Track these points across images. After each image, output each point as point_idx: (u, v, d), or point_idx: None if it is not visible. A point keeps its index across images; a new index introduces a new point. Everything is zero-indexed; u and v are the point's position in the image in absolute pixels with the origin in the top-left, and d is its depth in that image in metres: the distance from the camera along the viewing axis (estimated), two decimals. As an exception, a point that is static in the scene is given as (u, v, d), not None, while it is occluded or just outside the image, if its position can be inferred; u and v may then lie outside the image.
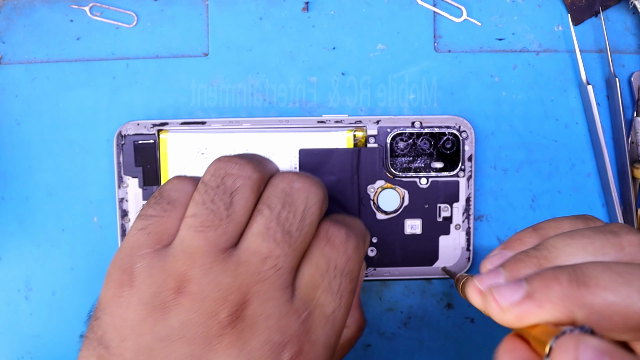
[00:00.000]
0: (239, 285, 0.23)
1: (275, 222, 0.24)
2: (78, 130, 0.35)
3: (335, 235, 0.26)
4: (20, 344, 0.36)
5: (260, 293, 0.23)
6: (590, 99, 0.33)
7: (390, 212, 0.34)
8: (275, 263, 0.23)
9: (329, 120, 0.33)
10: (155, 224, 0.24)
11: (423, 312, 0.36)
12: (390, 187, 0.34)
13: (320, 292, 0.24)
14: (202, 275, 0.22)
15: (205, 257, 0.23)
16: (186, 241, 0.23)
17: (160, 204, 0.25)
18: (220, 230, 0.23)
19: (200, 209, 0.24)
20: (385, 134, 0.33)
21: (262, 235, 0.24)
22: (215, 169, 0.25)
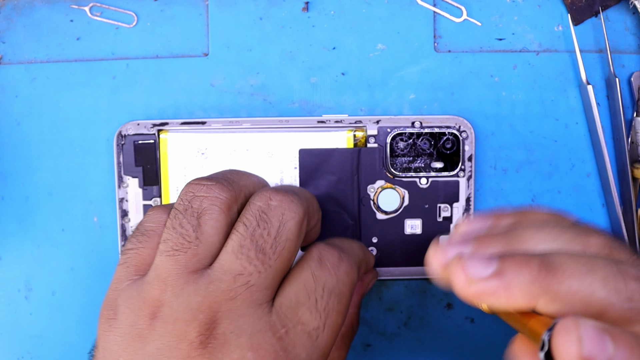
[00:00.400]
0: (209, 303, 0.23)
1: (249, 240, 0.24)
2: (78, 130, 0.35)
3: (327, 257, 0.26)
4: (20, 344, 0.36)
5: (232, 310, 0.23)
6: (590, 99, 0.33)
7: (390, 212, 0.34)
8: (248, 280, 0.23)
9: (329, 120, 0.33)
10: (132, 257, 0.25)
11: (423, 312, 0.36)
12: (390, 187, 0.34)
13: (304, 309, 0.24)
14: (174, 298, 0.23)
15: (176, 279, 0.23)
16: (159, 267, 0.24)
17: (136, 237, 0.26)
18: (190, 252, 0.24)
19: (170, 234, 0.24)
20: (385, 134, 0.33)
21: (235, 253, 0.24)
22: (184, 193, 0.25)
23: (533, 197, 0.35)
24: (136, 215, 0.34)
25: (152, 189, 0.34)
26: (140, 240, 0.25)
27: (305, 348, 0.23)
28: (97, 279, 0.36)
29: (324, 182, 0.33)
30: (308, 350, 0.23)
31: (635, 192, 0.34)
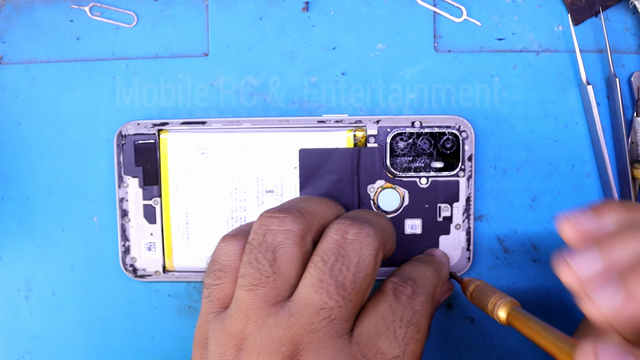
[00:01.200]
0: (291, 336, 0.24)
1: (329, 275, 0.24)
2: (78, 130, 0.35)
3: (402, 291, 0.27)
4: (20, 343, 0.36)
5: (314, 342, 0.24)
6: (590, 99, 0.33)
7: (390, 212, 0.34)
8: (329, 314, 0.24)
9: (329, 120, 0.33)
10: (214, 291, 0.26)
11: (423, 312, 0.36)
12: (390, 186, 0.34)
13: (383, 339, 0.25)
14: (256, 331, 0.24)
15: (257, 312, 0.24)
16: (239, 300, 0.25)
17: (215, 272, 0.27)
18: (268, 286, 0.24)
19: (247, 269, 0.25)
20: (385, 134, 0.33)
21: (314, 288, 0.24)
22: (258, 227, 0.26)
23: (533, 197, 0.35)
24: (136, 215, 0.34)
25: (152, 189, 0.34)
26: (219, 276, 0.26)
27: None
28: (97, 279, 0.36)
29: (324, 182, 0.33)
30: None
31: (635, 192, 0.34)
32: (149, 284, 0.35)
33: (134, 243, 0.34)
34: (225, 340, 0.24)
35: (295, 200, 0.28)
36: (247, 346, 0.24)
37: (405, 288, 0.27)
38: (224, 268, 0.26)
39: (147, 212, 0.34)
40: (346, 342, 0.24)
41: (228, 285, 0.26)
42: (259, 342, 0.24)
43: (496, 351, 0.35)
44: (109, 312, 0.36)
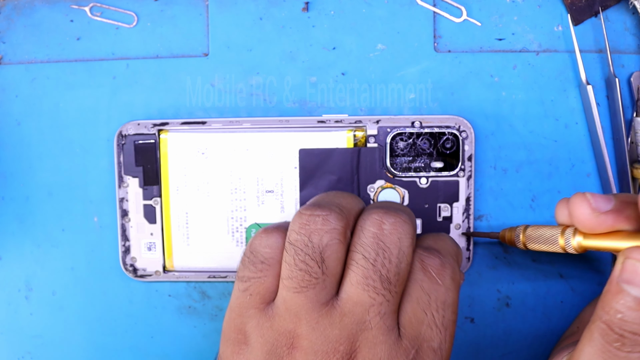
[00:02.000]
0: (346, 335, 0.24)
1: (372, 271, 0.25)
2: (78, 130, 0.35)
3: (430, 264, 0.26)
4: (20, 343, 0.36)
5: (368, 340, 0.24)
6: (590, 99, 0.33)
7: None
8: (380, 310, 0.24)
9: (329, 120, 0.33)
10: (255, 285, 0.26)
11: (423, 312, 0.36)
12: (390, 186, 0.34)
13: (425, 327, 0.25)
14: (310, 331, 0.24)
15: (309, 313, 0.24)
16: (288, 301, 0.25)
17: (255, 264, 0.26)
18: (318, 287, 0.25)
19: (294, 272, 0.25)
20: (385, 134, 0.33)
21: (361, 285, 0.24)
22: (300, 227, 0.26)
23: (533, 197, 0.35)
24: (136, 215, 0.34)
25: (153, 189, 0.34)
26: (260, 269, 0.26)
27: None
28: (97, 279, 0.36)
29: (324, 182, 0.33)
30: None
31: (635, 192, 0.34)
32: (149, 283, 0.35)
33: (134, 243, 0.34)
34: (275, 339, 0.24)
35: (327, 196, 0.28)
36: (303, 345, 0.24)
37: (432, 259, 0.26)
38: (266, 260, 0.26)
39: (147, 212, 0.34)
40: (397, 336, 0.24)
41: (270, 279, 0.26)
42: (314, 342, 0.24)
43: (496, 351, 0.35)
44: (109, 312, 0.36)
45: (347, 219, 0.26)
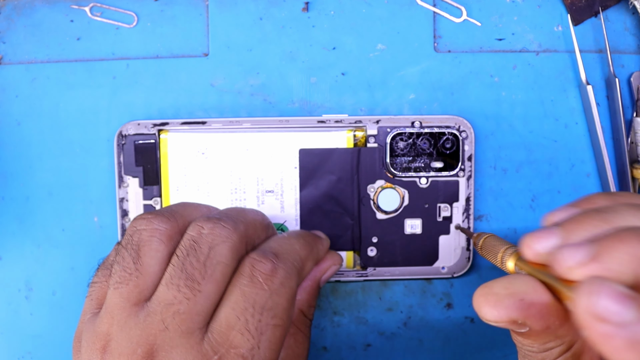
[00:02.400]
0: (146, 336, 0.23)
1: (180, 269, 0.24)
2: (78, 130, 0.35)
3: (259, 269, 0.25)
4: (20, 344, 0.36)
5: (166, 342, 0.23)
6: (590, 99, 0.33)
7: (390, 212, 0.34)
8: (177, 308, 0.23)
9: (329, 120, 0.33)
10: (96, 290, 0.26)
11: (423, 312, 0.35)
12: (390, 186, 0.33)
13: (235, 332, 0.24)
14: (119, 331, 0.24)
15: (121, 312, 0.24)
16: (108, 300, 0.25)
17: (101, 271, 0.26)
18: (131, 284, 0.24)
19: (115, 268, 0.25)
20: (385, 134, 0.33)
21: (167, 284, 0.24)
22: (128, 228, 0.26)
23: (533, 197, 0.35)
24: (136, 214, 0.34)
25: (153, 189, 0.34)
26: (103, 274, 0.26)
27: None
28: (97, 278, 0.35)
29: (324, 182, 0.33)
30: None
31: (635, 192, 0.34)
32: (149, 283, 0.35)
33: None
34: (92, 342, 0.24)
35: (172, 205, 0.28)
36: (111, 348, 0.23)
37: (264, 264, 0.25)
38: (108, 267, 0.26)
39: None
40: (198, 340, 0.23)
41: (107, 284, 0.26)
42: (120, 344, 0.23)
43: (496, 351, 0.35)
44: (109, 312, 0.36)
45: (177, 223, 0.26)
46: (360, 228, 0.34)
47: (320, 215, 0.33)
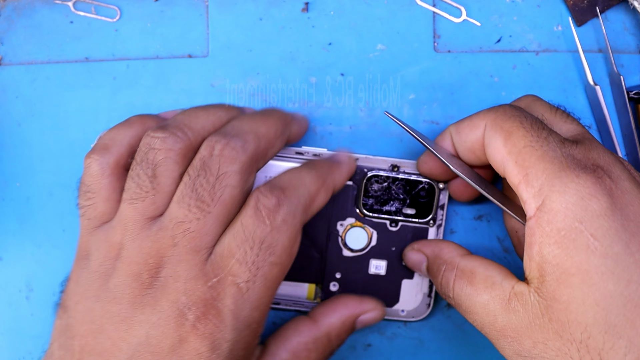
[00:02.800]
0: (157, 249, 0.25)
1: (190, 189, 0.25)
2: (79, 131, 0.35)
3: (264, 203, 0.26)
4: (21, 344, 0.36)
5: (174, 256, 0.25)
6: (599, 99, 0.33)
7: (357, 250, 0.33)
8: (188, 227, 0.25)
9: (307, 153, 0.33)
10: (89, 211, 0.27)
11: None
12: (359, 225, 0.33)
13: (234, 261, 0.25)
14: (131, 242, 0.25)
15: (134, 224, 0.25)
16: (121, 213, 0.26)
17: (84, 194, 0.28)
18: (147, 201, 0.26)
19: (130, 184, 0.26)
20: (362, 174, 0.33)
21: (178, 202, 0.25)
22: (142, 144, 0.27)
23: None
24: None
25: None
26: (88, 197, 0.28)
27: (235, 299, 0.24)
28: (97, 279, 0.35)
29: None
30: (237, 301, 0.24)
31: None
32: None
33: None
34: (106, 250, 0.26)
35: (183, 116, 0.28)
36: (122, 255, 0.25)
37: (268, 199, 0.26)
38: (90, 190, 0.27)
39: None
40: (203, 259, 0.25)
41: (100, 203, 0.27)
42: (131, 252, 0.25)
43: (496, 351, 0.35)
44: (109, 313, 0.35)
45: (190, 141, 0.27)
46: (325, 263, 0.33)
47: None
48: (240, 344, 0.25)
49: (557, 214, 0.23)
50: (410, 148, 0.34)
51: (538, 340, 0.24)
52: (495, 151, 0.26)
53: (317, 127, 0.35)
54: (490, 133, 0.27)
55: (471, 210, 0.35)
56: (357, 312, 0.31)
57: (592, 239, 0.23)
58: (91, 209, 0.27)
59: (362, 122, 0.34)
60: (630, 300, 0.22)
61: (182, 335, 0.24)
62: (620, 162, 0.25)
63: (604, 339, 0.22)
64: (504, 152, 0.26)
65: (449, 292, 0.28)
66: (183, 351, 0.24)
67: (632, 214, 0.23)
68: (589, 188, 0.23)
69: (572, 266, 0.23)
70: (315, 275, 0.34)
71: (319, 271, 0.34)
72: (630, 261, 0.23)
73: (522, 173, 0.25)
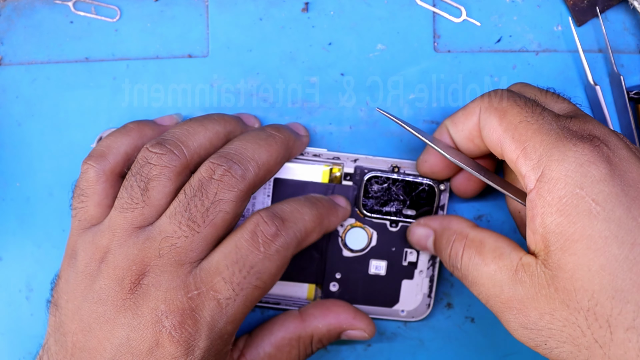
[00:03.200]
0: (142, 257, 0.26)
1: (184, 207, 0.26)
2: (79, 131, 0.35)
3: (263, 230, 0.27)
4: (21, 344, 0.36)
5: (158, 266, 0.26)
6: (599, 99, 0.33)
7: (357, 251, 0.33)
8: (175, 242, 0.26)
9: (307, 153, 0.33)
10: (80, 212, 0.29)
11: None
12: (359, 226, 0.33)
13: (219, 279, 0.26)
14: (118, 247, 0.26)
15: (122, 232, 0.26)
16: (111, 219, 0.27)
17: (78, 197, 0.29)
18: (136, 212, 0.27)
19: (122, 193, 0.27)
20: (362, 174, 0.32)
21: (170, 217, 0.26)
22: (139, 157, 0.28)
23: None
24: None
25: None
26: (81, 200, 0.29)
27: (212, 313, 0.25)
28: (97, 279, 0.35)
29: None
30: (214, 315, 0.26)
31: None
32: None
33: None
34: (92, 252, 0.27)
35: (181, 131, 0.29)
36: (108, 259, 0.26)
37: (268, 227, 0.27)
38: (84, 193, 0.29)
39: None
40: (185, 272, 0.26)
41: (91, 206, 0.28)
42: (117, 257, 0.26)
43: (496, 351, 0.35)
44: (109, 313, 0.35)
45: (187, 159, 0.28)
46: (325, 263, 0.33)
47: None
48: (212, 352, 0.26)
49: (558, 182, 0.23)
50: (410, 148, 0.34)
51: (544, 311, 0.24)
52: (492, 131, 0.26)
53: (317, 127, 0.34)
54: (485, 115, 0.27)
55: (471, 210, 0.35)
56: (346, 326, 0.31)
57: (594, 204, 0.23)
58: (82, 211, 0.28)
59: (362, 122, 0.34)
60: (635, 263, 0.22)
61: (159, 340, 0.25)
62: (615, 134, 0.25)
63: (611, 304, 0.22)
64: (500, 131, 0.26)
65: (457, 262, 0.28)
66: (159, 354, 0.25)
67: (630, 180, 0.23)
68: (587, 155, 0.23)
69: (576, 232, 0.23)
70: (315, 275, 0.33)
71: (319, 271, 0.33)
72: (633, 225, 0.22)
73: (520, 147, 0.25)
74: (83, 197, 0.29)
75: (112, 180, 0.29)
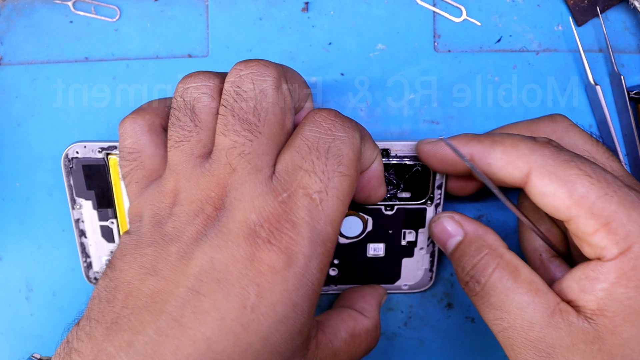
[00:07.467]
0: (216, 181, 0.22)
1: (231, 116, 0.23)
2: (78, 131, 0.33)
3: (322, 114, 0.24)
4: (21, 344, 0.34)
5: (235, 181, 0.22)
6: (600, 99, 0.31)
7: (352, 237, 0.31)
8: (242, 150, 0.22)
9: None
10: (134, 174, 0.25)
11: (423, 312, 0.34)
12: (353, 213, 0.31)
13: (302, 172, 0.22)
14: (186, 182, 0.23)
15: (185, 166, 0.23)
16: (170, 161, 0.24)
17: (126, 160, 0.25)
18: (192, 140, 0.23)
19: (172, 130, 0.24)
20: None
21: (223, 132, 0.23)
22: (176, 90, 0.25)
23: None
24: (94, 235, 0.31)
25: (107, 211, 0.31)
26: (131, 159, 0.25)
27: (309, 211, 0.22)
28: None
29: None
30: (312, 213, 0.22)
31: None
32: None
33: (95, 259, 0.32)
34: (160, 201, 0.23)
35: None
36: (180, 198, 0.23)
37: (327, 111, 0.24)
38: (133, 151, 0.25)
39: (104, 233, 0.31)
40: (266, 177, 0.22)
41: (146, 160, 0.25)
42: (189, 192, 0.23)
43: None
44: (109, 313, 0.34)
45: (219, 79, 0.25)
46: None
47: None
48: (315, 262, 0.22)
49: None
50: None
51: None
52: (558, 202, 0.24)
53: (317, 127, 0.33)
54: (544, 182, 0.24)
55: (471, 210, 0.33)
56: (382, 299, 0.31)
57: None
58: (137, 169, 0.25)
59: (362, 122, 0.33)
60: None
61: (254, 253, 0.21)
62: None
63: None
64: (570, 204, 0.23)
65: (482, 277, 0.25)
66: (254, 271, 0.20)
67: None
68: None
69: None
70: None
71: None
72: None
73: (601, 222, 0.23)
74: (133, 155, 0.25)
75: (155, 130, 0.25)
